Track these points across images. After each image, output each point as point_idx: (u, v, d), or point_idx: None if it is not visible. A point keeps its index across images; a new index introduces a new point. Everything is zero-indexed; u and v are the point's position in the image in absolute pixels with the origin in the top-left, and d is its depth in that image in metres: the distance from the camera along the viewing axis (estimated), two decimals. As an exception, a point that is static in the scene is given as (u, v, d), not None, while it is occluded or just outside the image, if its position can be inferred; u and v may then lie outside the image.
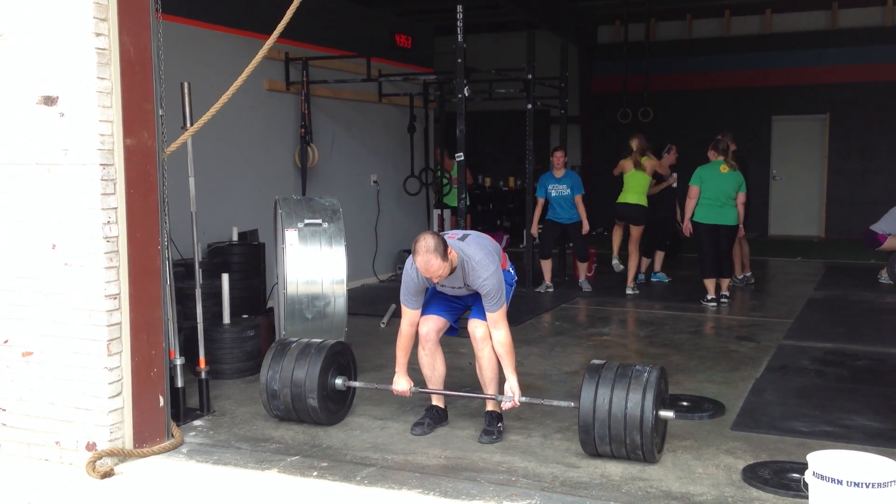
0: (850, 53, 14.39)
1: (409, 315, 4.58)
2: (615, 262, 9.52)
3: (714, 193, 8.28)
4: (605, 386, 4.12)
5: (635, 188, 9.02)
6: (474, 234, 4.63)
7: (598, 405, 4.08)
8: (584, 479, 3.98)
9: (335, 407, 4.83)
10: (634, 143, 9.02)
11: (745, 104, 14.83)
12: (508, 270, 4.70)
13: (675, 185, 9.80)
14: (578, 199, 9.13)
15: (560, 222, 9.25)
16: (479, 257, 4.37)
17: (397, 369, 4.64)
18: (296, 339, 5.01)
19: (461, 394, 4.87)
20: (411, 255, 4.36)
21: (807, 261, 12.04)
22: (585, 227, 9.23)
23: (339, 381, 4.79)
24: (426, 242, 4.19)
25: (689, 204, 8.44)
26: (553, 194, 9.18)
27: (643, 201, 9.05)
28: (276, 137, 8.66)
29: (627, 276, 9.15)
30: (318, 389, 4.63)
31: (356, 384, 4.93)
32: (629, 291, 9.06)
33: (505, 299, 4.45)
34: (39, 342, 4.24)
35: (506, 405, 4.45)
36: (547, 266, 9.41)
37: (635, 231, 9.07)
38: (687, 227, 8.60)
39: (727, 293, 8.63)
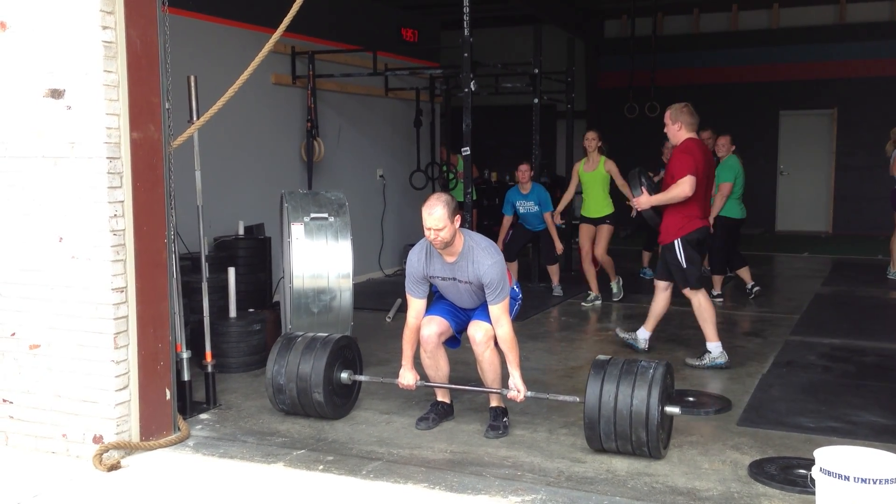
0: (858, 48, 14.33)
1: (414, 305, 4.58)
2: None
3: (741, 188, 8.26)
4: (610, 382, 4.11)
5: None
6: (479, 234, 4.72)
7: (604, 401, 4.07)
8: (589, 475, 3.98)
9: (341, 401, 4.83)
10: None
11: (753, 99, 14.78)
12: (513, 287, 4.70)
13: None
14: (548, 216, 8.61)
15: (532, 230, 8.84)
16: (485, 244, 4.42)
17: (403, 362, 4.64)
18: (301, 333, 5.01)
19: (466, 388, 4.86)
20: (416, 245, 4.50)
21: (814, 256, 12.01)
22: (559, 248, 8.70)
23: (344, 375, 4.80)
24: (439, 194, 4.34)
25: (721, 202, 8.18)
26: (521, 211, 8.73)
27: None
28: (282, 131, 8.66)
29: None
30: (324, 384, 4.63)
31: (362, 378, 4.93)
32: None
33: (508, 293, 4.45)
34: (46, 335, 4.25)
35: (511, 395, 4.45)
36: (511, 269, 8.98)
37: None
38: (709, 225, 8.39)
39: (754, 282, 8.55)
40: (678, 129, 5.98)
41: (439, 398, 4.81)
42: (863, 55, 14.30)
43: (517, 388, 4.40)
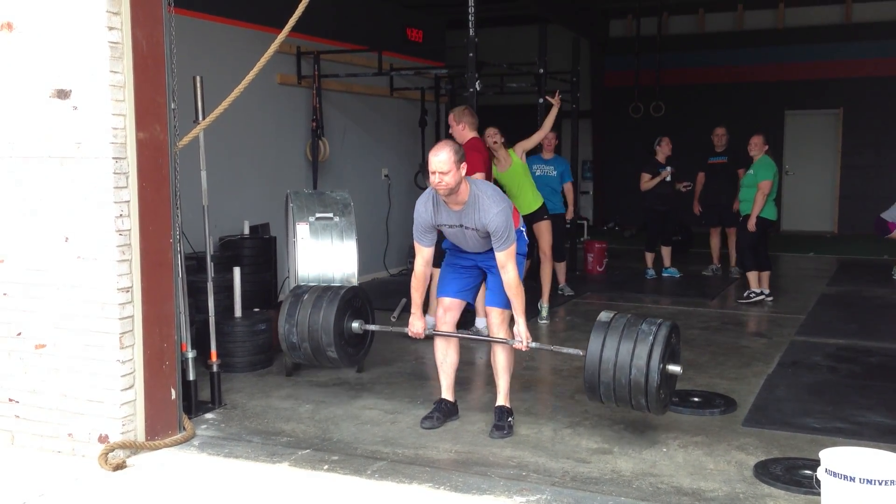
0: (864, 48, 14.28)
1: (422, 253, 4.64)
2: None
3: (776, 188, 8.25)
4: (612, 337, 4.13)
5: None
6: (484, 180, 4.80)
7: (605, 356, 4.10)
8: (594, 475, 3.98)
9: (354, 350, 5.02)
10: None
11: (758, 99, 14.74)
12: (520, 229, 4.71)
13: (668, 178, 9.66)
14: (568, 186, 8.69)
15: None
16: (490, 192, 4.45)
17: (413, 310, 4.70)
18: (309, 286, 5.13)
19: (472, 336, 4.97)
20: (422, 194, 4.57)
21: (819, 256, 11.98)
22: (570, 213, 8.95)
23: (355, 325, 4.94)
24: (447, 140, 4.44)
25: (763, 200, 8.07)
26: (538, 173, 8.45)
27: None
28: (287, 131, 8.67)
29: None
30: (336, 340, 4.78)
31: (372, 328, 5.08)
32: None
33: (514, 239, 4.45)
34: (52, 334, 4.26)
35: (516, 345, 4.49)
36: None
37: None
38: (752, 224, 8.13)
39: (770, 293, 8.39)
40: (462, 129, 6.45)
41: (443, 396, 4.81)
42: (869, 55, 14.25)
43: (520, 337, 4.44)
